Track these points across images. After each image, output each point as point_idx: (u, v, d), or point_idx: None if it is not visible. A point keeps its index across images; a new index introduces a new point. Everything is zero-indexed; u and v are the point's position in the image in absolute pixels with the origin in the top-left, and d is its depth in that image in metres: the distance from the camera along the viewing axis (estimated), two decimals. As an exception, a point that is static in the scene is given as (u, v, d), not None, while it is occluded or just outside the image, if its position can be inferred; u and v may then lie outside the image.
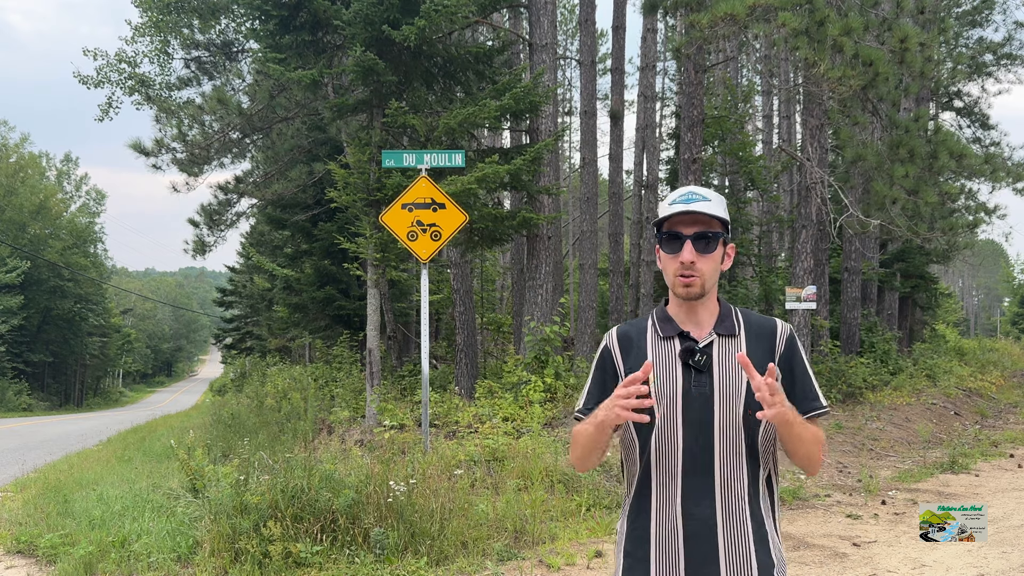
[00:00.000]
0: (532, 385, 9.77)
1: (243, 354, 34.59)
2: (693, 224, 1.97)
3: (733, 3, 9.49)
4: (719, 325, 2.02)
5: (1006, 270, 66.25)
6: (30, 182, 49.94)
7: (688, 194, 1.99)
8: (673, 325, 2.03)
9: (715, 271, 2.00)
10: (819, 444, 1.95)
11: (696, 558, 1.92)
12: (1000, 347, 26.15)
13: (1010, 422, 13.53)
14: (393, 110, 9.80)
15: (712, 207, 1.97)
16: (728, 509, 1.93)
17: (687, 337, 2.00)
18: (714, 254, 1.99)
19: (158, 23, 17.13)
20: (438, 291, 18.27)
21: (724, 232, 2.01)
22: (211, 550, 5.33)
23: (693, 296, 1.99)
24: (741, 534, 1.93)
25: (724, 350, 1.98)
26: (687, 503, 1.94)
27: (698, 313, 2.02)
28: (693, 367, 1.96)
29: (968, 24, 22.70)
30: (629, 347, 2.06)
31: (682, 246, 1.96)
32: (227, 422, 12.17)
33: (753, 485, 1.96)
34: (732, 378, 1.95)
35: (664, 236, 2.00)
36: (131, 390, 77.08)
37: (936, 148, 11.26)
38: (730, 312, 2.05)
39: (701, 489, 1.94)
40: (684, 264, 1.96)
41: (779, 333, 2.02)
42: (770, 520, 1.99)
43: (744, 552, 1.92)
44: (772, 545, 1.96)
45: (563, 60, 26.92)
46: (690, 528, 1.93)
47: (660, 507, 1.97)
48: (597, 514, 6.56)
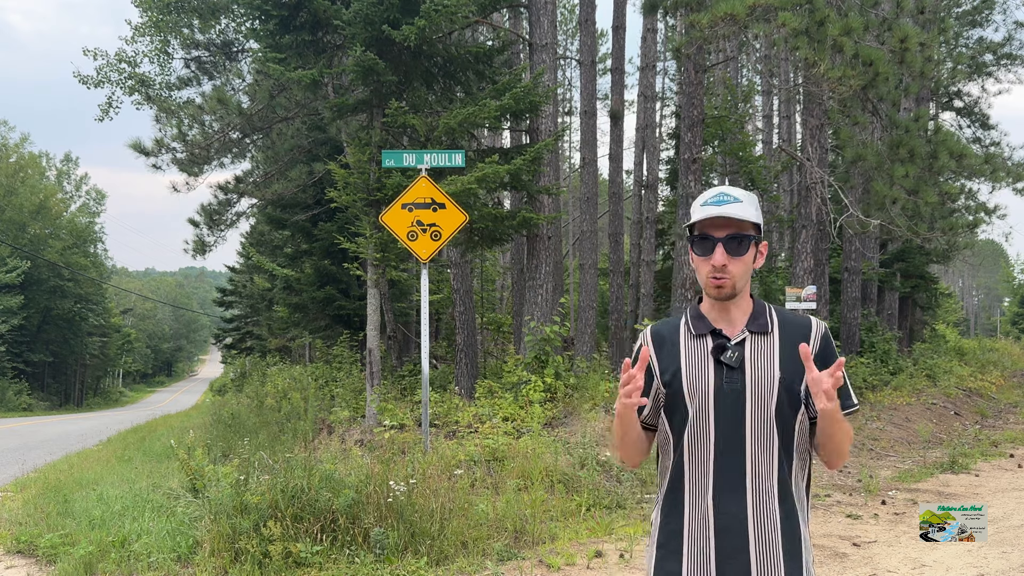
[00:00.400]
0: (532, 385, 9.76)
1: (243, 354, 34.59)
2: (725, 227, 1.99)
3: (733, 3, 9.49)
4: (752, 323, 2.05)
5: (1006, 270, 66.28)
6: (30, 182, 49.94)
7: (720, 195, 2.01)
8: (706, 323, 2.06)
9: (747, 272, 2.03)
10: (850, 437, 2.01)
11: (726, 551, 1.96)
12: (1000, 347, 26.15)
13: (1010, 422, 13.53)
14: (393, 110, 9.80)
15: (744, 209, 1.99)
16: (758, 504, 1.96)
17: (719, 335, 2.04)
18: (746, 256, 2.01)
19: (158, 23, 17.12)
20: (438, 291, 18.27)
21: (756, 234, 2.03)
22: (211, 550, 5.33)
23: (724, 297, 2.02)
24: (771, 528, 1.96)
25: (757, 348, 2.01)
26: (718, 497, 1.98)
27: (731, 311, 2.05)
28: (725, 364, 2.00)
29: (968, 24, 22.70)
30: (662, 344, 2.10)
31: (714, 248, 1.98)
32: (227, 422, 12.17)
33: (784, 480, 1.99)
34: (764, 375, 1.98)
35: (696, 238, 2.03)
36: (131, 390, 77.09)
37: (936, 148, 11.26)
38: (763, 310, 2.08)
39: (732, 484, 1.97)
40: (715, 267, 1.98)
41: (813, 331, 2.04)
42: (801, 515, 2.02)
43: (773, 546, 1.96)
44: (802, 540, 2.00)
45: (563, 60, 26.92)
46: (721, 522, 1.97)
47: (692, 501, 2.01)
48: (597, 514, 6.55)
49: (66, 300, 49.24)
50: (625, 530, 6.08)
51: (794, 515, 1.99)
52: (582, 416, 9.25)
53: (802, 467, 2.05)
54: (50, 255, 47.17)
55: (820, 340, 2.04)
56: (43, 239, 48.70)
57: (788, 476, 2.00)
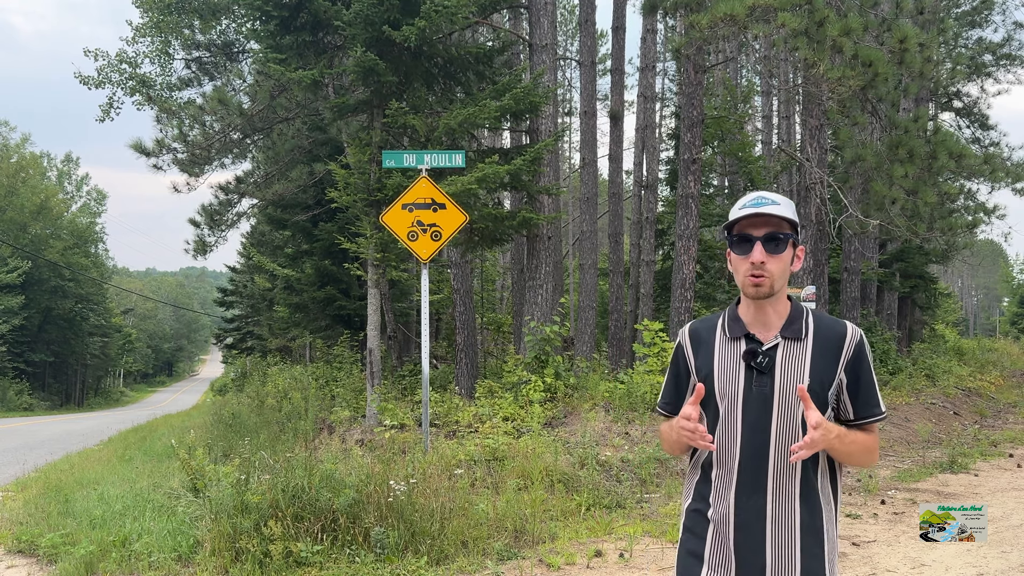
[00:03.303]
0: (532, 385, 9.78)
1: (244, 354, 34.59)
2: (763, 226, 2.04)
3: (733, 3, 9.50)
4: (786, 328, 2.08)
5: (1005, 270, 66.29)
6: (31, 182, 49.96)
7: (758, 198, 2.07)
8: (740, 326, 2.11)
9: (784, 272, 2.06)
10: (870, 451, 2.09)
11: (745, 547, 2.02)
12: (999, 347, 26.14)
13: (1009, 422, 13.54)
14: (393, 110, 9.81)
15: (781, 210, 2.04)
16: (777, 505, 2.01)
17: (752, 339, 2.07)
18: (783, 255, 2.05)
19: (159, 23, 17.12)
20: (438, 291, 18.28)
21: (793, 234, 2.08)
22: (212, 549, 5.34)
23: (763, 295, 2.05)
24: (790, 528, 2.01)
25: (788, 353, 2.05)
26: (740, 496, 2.04)
27: (767, 314, 2.09)
28: (755, 368, 2.04)
29: (967, 24, 22.70)
30: (699, 345, 2.16)
31: (752, 247, 2.03)
32: (228, 422, 12.18)
33: (807, 480, 2.03)
34: (793, 381, 2.02)
35: (735, 239, 2.08)
36: (132, 390, 77.11)
37: (935, 148, 11.27)
38: (800, 314, 2.10)
39: (754, 484, 2.03)
40: (754, 264, 2.03)
41: (848, 339, 2.07)
42: (827, 513, 2.07)
43: (791, 547, 2.01)
44: (825, 538, 2.05)
45: (563, 60, 26.93)
46: (740, 519, 2.03)
47: (717, 495, 2.09)
48: (597, 514, 6.57)
49: (67, 300, 49.25)
50: (625, 530, 6.10)
51: (818, 513, 2.04)
52: (582, 416, 9.27)
53: (827, 468, 2.09)
54: (51, 255, 47.19)
55: (854, 349, 2.06)
56: (44, 239, 48.70)
57: (813, 476, 2.05)
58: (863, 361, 2.06)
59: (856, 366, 2.05)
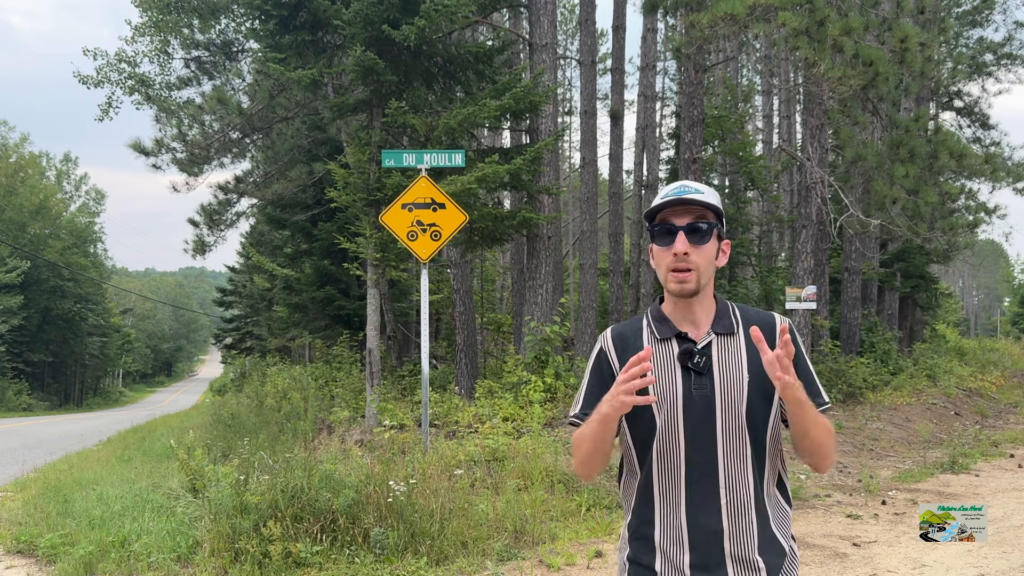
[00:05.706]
0: (532, 385, 9.76)
1: (243, 354, 34.61)
2: (685, 215, 1.90)
3: (733, 3, 9.49)
4: (717, 323, 1.94)
5: (1006, 270, 66.32)
6: (30, 182, 49.93)
7: (681, 187, 1.94)
8: (670, 326, 1.95)
9: (710, 265, 1.92)
10: (829, 432, 1.90)
11: (702, 567, 1.87)
12: (1000, 347, 26.16)
13: (1010, 422, 13.53)
14: (393, 110, 9.80)
15: (705, 198, 1.90)
16: (734, 516, 1.87)
17: (685, 338, 1.92)
18: (708, 246, 1.91)
19: (158, 23, 17.11)
20: (438, 291, 18.26)
21: (718, 223, 1.94)
22: (211, 550, 5.33)
23: (687, 293, 1.90)
24: (747, 540, 1.87)
25: (723, 350, 1.91)
26: (692, 511, 1.88)
27: (695, 311, 1.94)
28: (693, 370, 1.89)
29: (968, 24, 22.70)
30: (625, 348, 1.97)
31: (675, 238, 1.89)
32: (227, 422, 12.16)
33: (759, 489, 1.90)
34: (734, 379, 1.89)
35: (656, 229, 1.93)
36: (131, 390, 77.09)
37: (936, 148, 11.26)
38: (727, 309, 1.98)
39: (706, 496, 1.87)
40: (677, 256, 1.88)
41: (778, 328, 1.90)
42: (779, 521, 1.93)
43: (751, 558, 1.87)
44: (783, 546, 1.91)
45: (563, 60, 26.91)
46: (695, 537, 1.87)
47: (664, 517, 1.91)
48: (597, 514, 6.55)
49: (66, 300, 49.24)
50: (625, 530, 6.08)
51: (771, 522, 1.90)
52: (582, 416, 9.24)
53: (780, 472, 1.98)
54: (50, 255, 47.17)
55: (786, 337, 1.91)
56: (43, 239, 48.70)
57: (764, 483, 1.91)
58: (796, 348, 1.87)
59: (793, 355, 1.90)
